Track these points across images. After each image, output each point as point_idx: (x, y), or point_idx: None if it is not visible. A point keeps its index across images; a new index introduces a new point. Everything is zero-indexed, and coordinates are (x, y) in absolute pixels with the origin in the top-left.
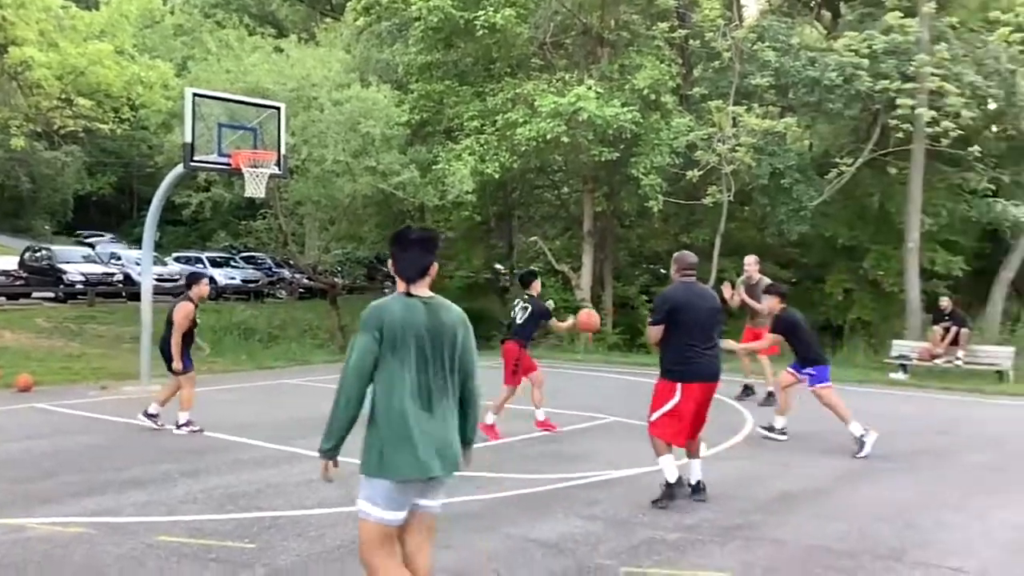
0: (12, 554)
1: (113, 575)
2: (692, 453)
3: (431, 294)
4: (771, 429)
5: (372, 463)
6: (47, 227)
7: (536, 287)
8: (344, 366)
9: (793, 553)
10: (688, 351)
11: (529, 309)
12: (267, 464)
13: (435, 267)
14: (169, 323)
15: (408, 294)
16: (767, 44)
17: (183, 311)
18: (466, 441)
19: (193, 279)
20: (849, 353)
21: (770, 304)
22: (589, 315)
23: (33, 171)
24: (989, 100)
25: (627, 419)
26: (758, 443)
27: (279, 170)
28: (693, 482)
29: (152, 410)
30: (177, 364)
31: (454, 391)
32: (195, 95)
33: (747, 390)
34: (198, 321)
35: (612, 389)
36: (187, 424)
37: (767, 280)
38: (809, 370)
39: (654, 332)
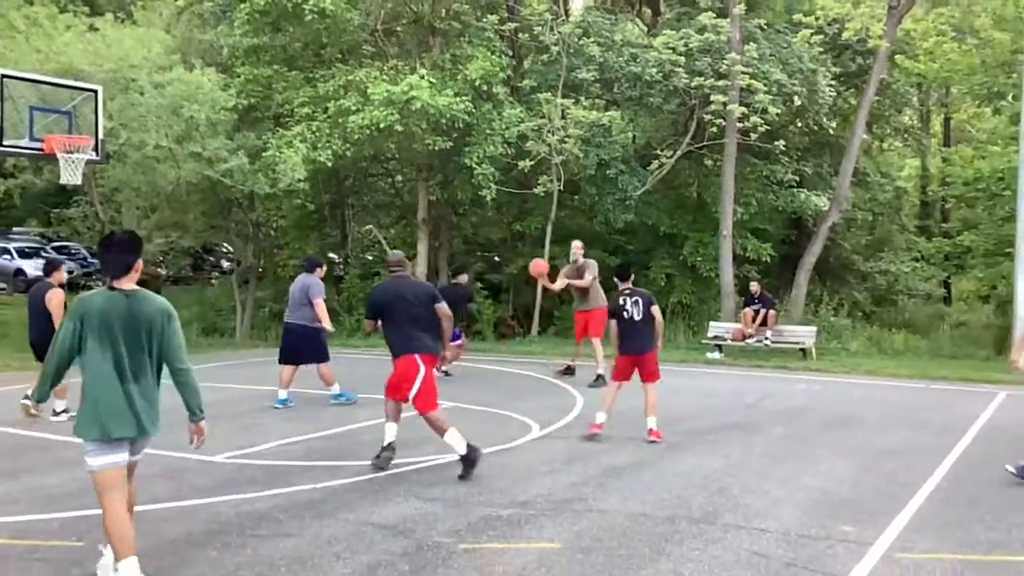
0: None
1: None
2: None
3: (135, 288)
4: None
5: (92, 424)
6: None
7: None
8: (52, 344)
9: (617, 521)
10: (400, 335)
11: (640, 301)
12: None
13: (139, 264)
14: (44, 313)
15: (111, 288)
16: (592, 39)
17: (58, 298)
18: (191, 411)
19: (53, 266)
20: (671, 334)
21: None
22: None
23: None
24: (794, 97)
25: (464, 404)
26: (588, 422)
27: (96, 155)
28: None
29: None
30: None
31: (152, 366)
32: (2, 76)
33: (569, 370)
34: None
35: (448, 375)
36: (65, 411)
37: (592, 262)
38: None
39: (367, 325)
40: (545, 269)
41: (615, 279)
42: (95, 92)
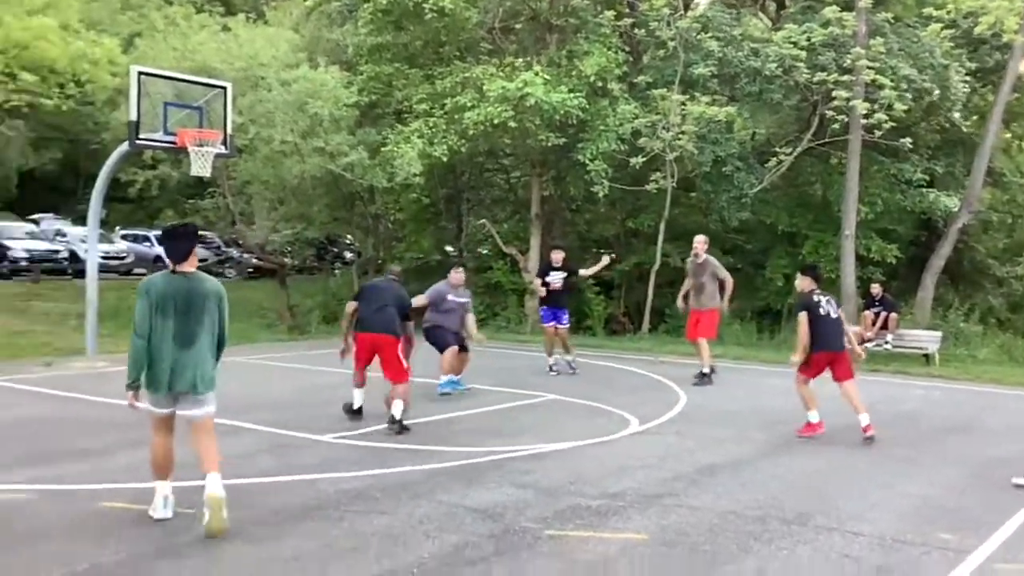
0: None
1: (59, 538)
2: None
3: (192, 270)
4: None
5: (150, 383)
6: None
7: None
8: (133, 322)
9: (706, 517)
10: (366, 314)
11: (832, 301)
12: None
13: (196, 250)
14: None
15: (173, 271)
16: (710, 35)
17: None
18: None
19: None
20: (787, 336)
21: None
22: None
23: None
24: (924, 93)
25: (566, 397)
26: (689, 420)
27: (225, 149)
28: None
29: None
30: None
31: (204, 336)
32: (140, 73)
33: (712, 372)
34: None
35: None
36: None
37: (713, 260)
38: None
39: (348, 308)
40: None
41: (804, 278)
42: (224, 89)
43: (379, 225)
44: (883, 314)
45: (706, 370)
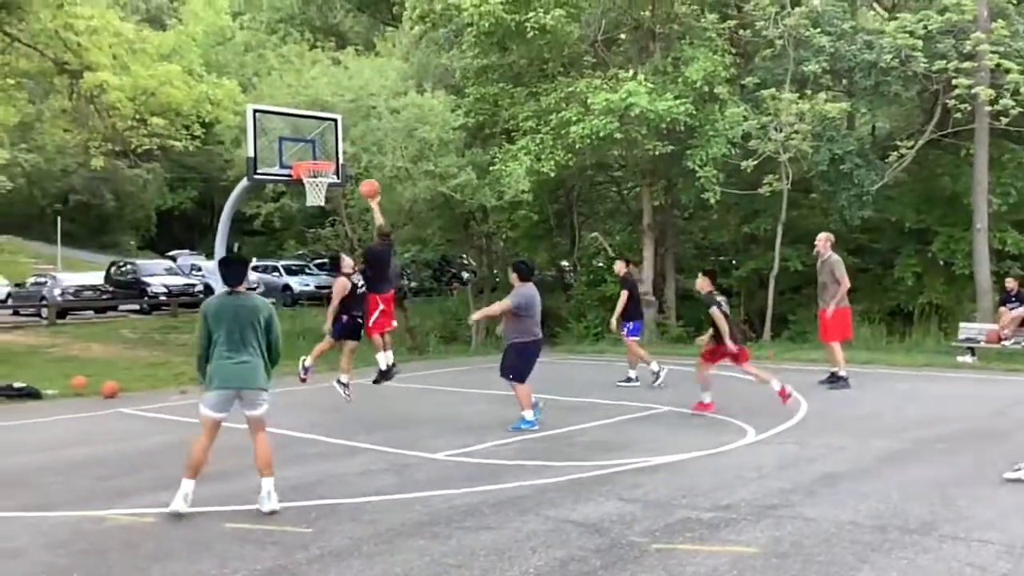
0: (95, 541)
1: (182, 558)
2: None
3: (244, 291)
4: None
5: (209, 383)
6: (132, 242)
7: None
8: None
9: (823, 528)
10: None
11: (726, 302)
12: (329, 457)
13: (249, 275)
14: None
15: (229, 292)
16: (819, 30)
17: (338, 285)
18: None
19: (336, 261)
20: (919, 337)
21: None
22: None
23: (117, 189)
24: None
25: (679, 408)
26: (809, 428)
27: (337, 179)
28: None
29: (344, 379)
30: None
31: (254, 344)
32: (256, 111)
33: (835, 377)
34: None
35: (671, 380)
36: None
37: (835, 259)
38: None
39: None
40: (373, 190)
41: (705, 279)
42: (335, 121)
43: (492, 244)
44: (1020, 309)
45: (842, 372)
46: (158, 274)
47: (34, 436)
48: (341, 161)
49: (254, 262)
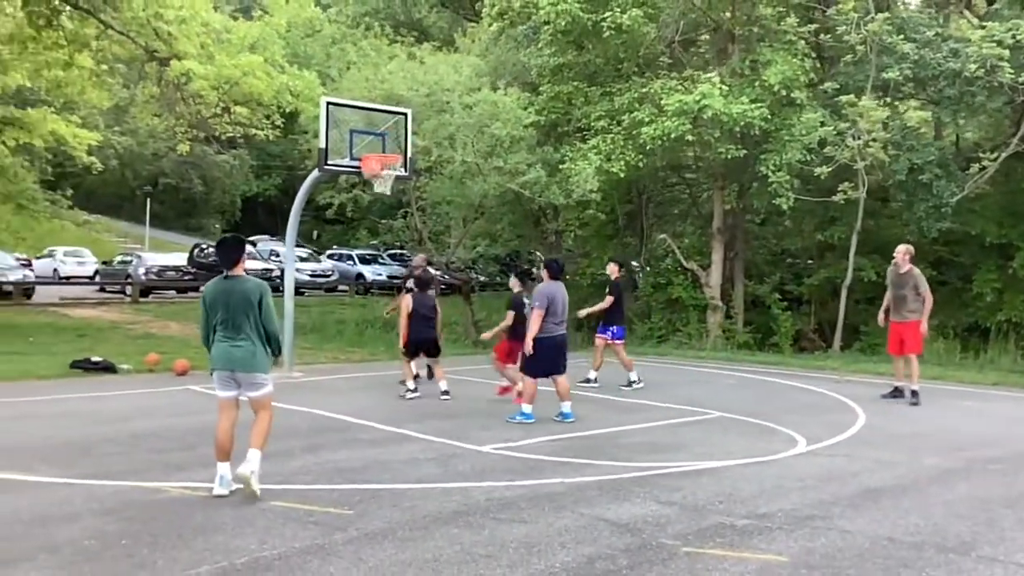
0: (145, 510)
1: (225, 532)
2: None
3: (239, 274)
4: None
5: (211, 365)
6: (217, 226)
7: None
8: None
9: (857, 542)
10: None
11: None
12: (378, 443)
13: (244, 258)
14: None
15: (224, 276)
16: (901, 37)
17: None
18: (275, 352)
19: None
20: (995, 355)
21: (610, 270)
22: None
23: (205, 174)
24: None
25: (734, 415)
26: (863, 442)
27: (405, 172)
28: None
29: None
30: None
31: (252, 326)
32: (329, 103)
33: (897, 391)
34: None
35: (729, 386)
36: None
37: (917, 272)
38: (612, 329)
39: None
40: (376, 169)
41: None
42: (405, 115)
43: (562, 241)
44: None
45: (915, 387)
46: None
47: (104, 409)
48: (409, 154)
49: (328, 251)
